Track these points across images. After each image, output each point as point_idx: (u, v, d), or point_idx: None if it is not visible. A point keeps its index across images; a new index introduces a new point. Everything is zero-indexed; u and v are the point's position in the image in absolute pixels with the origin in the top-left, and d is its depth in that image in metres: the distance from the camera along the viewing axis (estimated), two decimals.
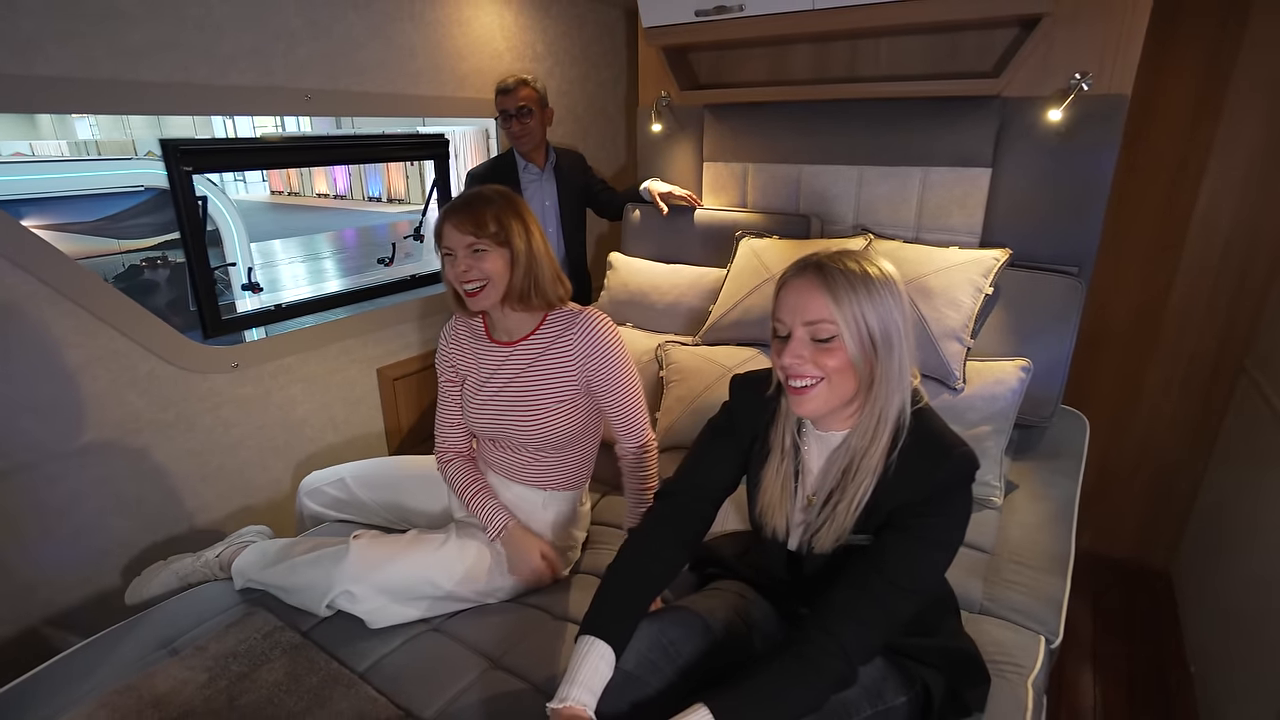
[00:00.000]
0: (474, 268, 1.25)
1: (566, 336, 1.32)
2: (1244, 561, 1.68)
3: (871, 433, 0.92)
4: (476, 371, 1.39)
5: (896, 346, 0.90)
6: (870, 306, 0.88)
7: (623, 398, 1.35)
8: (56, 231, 3.92)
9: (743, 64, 2.08)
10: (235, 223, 4.66)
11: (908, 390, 0.92)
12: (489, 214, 1.25)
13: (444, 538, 1.34)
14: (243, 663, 1.17)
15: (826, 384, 0.90)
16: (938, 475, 0.90)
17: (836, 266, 0.89)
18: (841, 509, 0.95)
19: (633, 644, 0.96)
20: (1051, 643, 1.26)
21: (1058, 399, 1.62)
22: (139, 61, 1.49)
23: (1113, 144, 1.58)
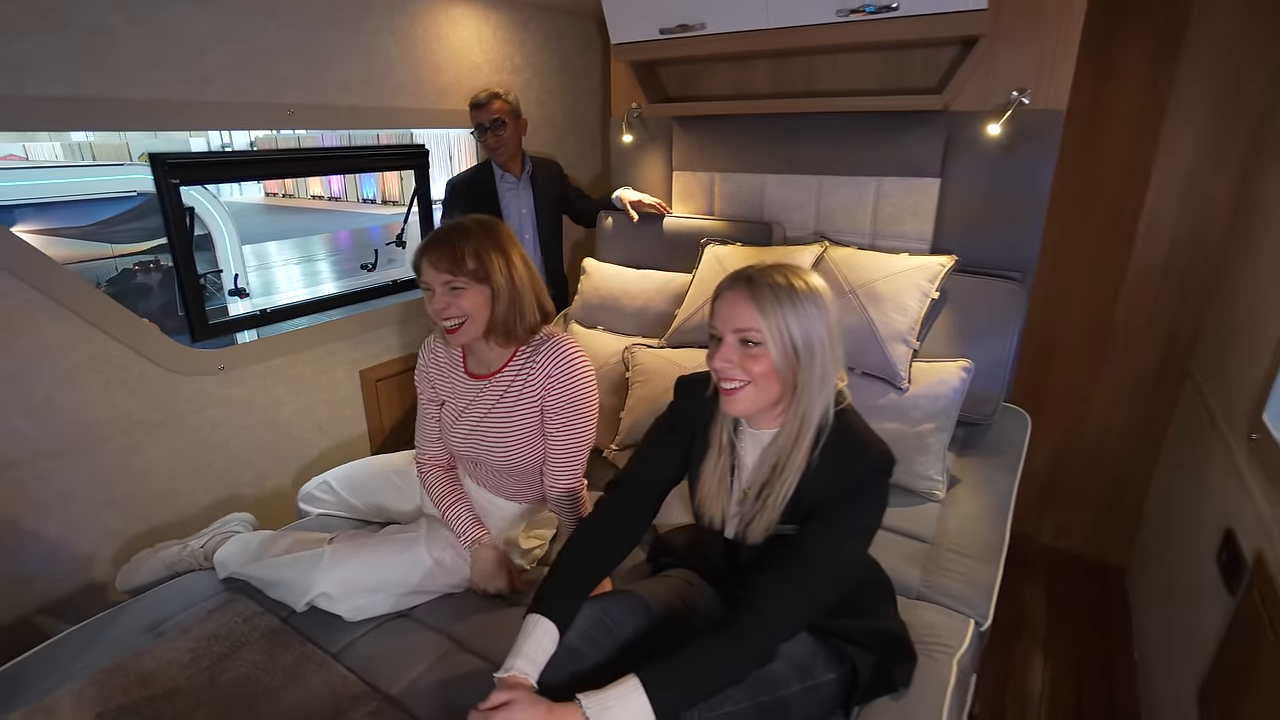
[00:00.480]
0: (452, 305, 1.24)
1: (531, 364, 1.33)
2: (1184, 556, 1.78)
3: (796, 433, 1.01)
4: (454, 401, 1.42)
5: (819, 355, 0.98)
6: (794, 318, 0.96)
7: (570, 432, 1.33)
8: (50, 236, 4.01)
9: (708, 78, 2.17)
10: (227, 227, 4.74)
11: (830, 395, 1.01)
12: (467, 249, 1.23)
13: (414, 539, 1.41)
14: (224, 644, 1.26)
15: (753, 387, 0.99)
16: (855, 470, 0.99)
17: (765, 280, 0.98)
18: (770, 502, 1.03)
19: (576, 622, 1.04)
20: (981, 625, 1.35)
21: (1000, 397, 1.72)
22: (120, 79, 1.57)
23: (1050, 156, 1.68)
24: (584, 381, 1.34)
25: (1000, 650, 2.06)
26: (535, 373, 1.32)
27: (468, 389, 1.40)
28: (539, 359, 1.32)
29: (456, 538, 1.40)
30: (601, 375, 1.94)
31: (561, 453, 1.36)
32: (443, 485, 1.45)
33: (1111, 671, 1.99)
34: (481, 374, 1.39)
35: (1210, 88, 1.91)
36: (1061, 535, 2.54)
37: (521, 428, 1.35)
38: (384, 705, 1.13)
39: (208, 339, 1.90)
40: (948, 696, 1.16)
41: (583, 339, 2.05)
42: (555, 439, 1.35)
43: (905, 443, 1.59)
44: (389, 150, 2.40)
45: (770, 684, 1.04)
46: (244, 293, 4.27)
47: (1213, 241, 2.01)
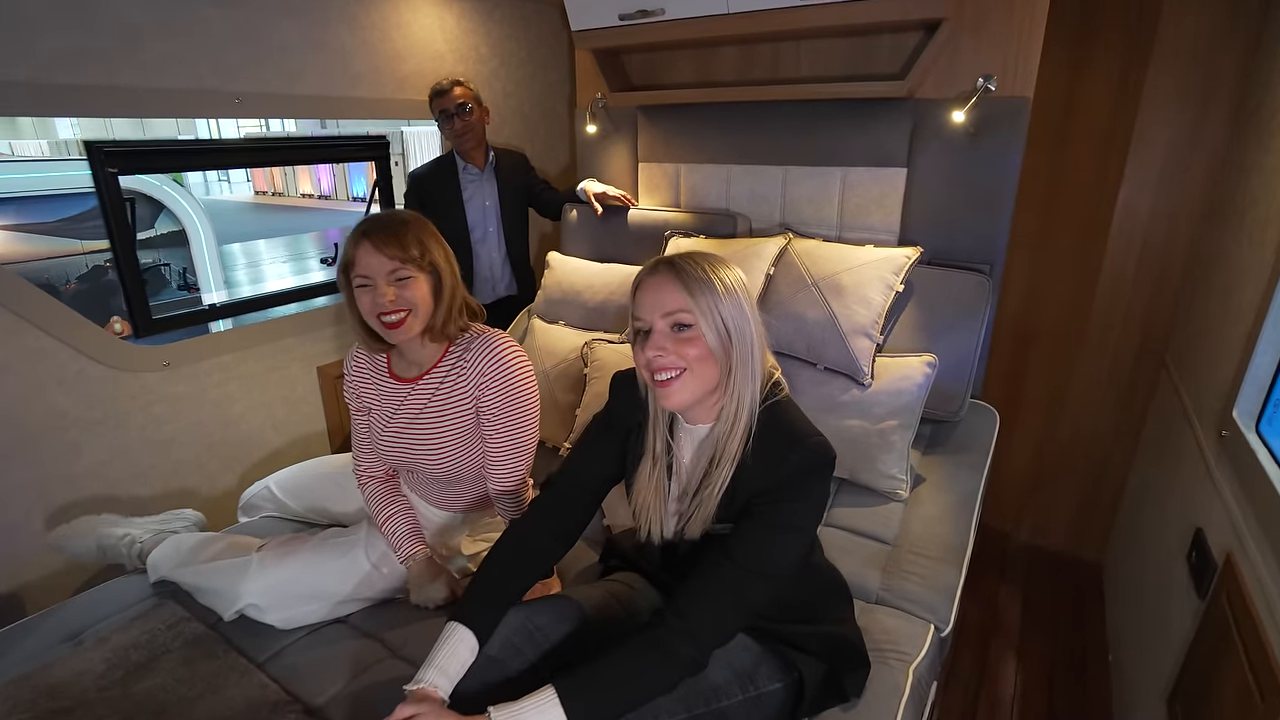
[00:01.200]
0: (400, 296, 1.15)
1: (462, 363, 1.24)
2: (1155, 555, 1.73)
3: (732, 419, 0.96)
4: (381, 408, 1.33)
5: (748, 336, 0.94)
6: (721, 299, 0.92)
7: (509, 433, 1.25)
8: (15, 232, 3.93)
9: (672, 66, 2.12)
10: (202, 225, 4.68)
11: (759, 379, 0.96)
12: (410, 235, 1.16)
13: (351, 544, 1.35)
14: (143, 653, 1.20)
15: (690, 374, 0.94)
16: (790, 462, 0.93)
17: (687, 264, 0.93)
18: (706, 496, 0.98)
19: (500, 629, 0.99)
20: (941, 630, 1.30)
21: (966, 393, 1.66)
22: (55, 65, 1.51)
23: (1017, 145, 1.63)
24: (520, 378, 1.26)
25: (973, 652, 2.01)
26: (467, 371, 1.25)
27: (394, 393, 1.32)
28: (470, 357, 1.24)
29: (392, 551, 1.33)
30: (560, 371, 1.89)
31: (501, 455, 1.29)
32: (380, 498, 1.37)
33: (1085, 673, 1.94)
34: (407, 377, 1.31)
35: (1183, 76, 1.87)
36: (1040, 533, 2.50)
37: (454, 431, 1.28)
38: (303, 716, 1.07)
39: (152, 334, 1.83)
40: (902, 706, 1.10)
41: (543, 334, 2.00)
42: (493, 441, 1.28)
43: (867, 440, 1.54)
44: (348, 141, 2.34)
45: (708, 693, 1.00)
46: (194, 287, 4.19)
47: (1187, 233, 1.97)
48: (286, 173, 15.91)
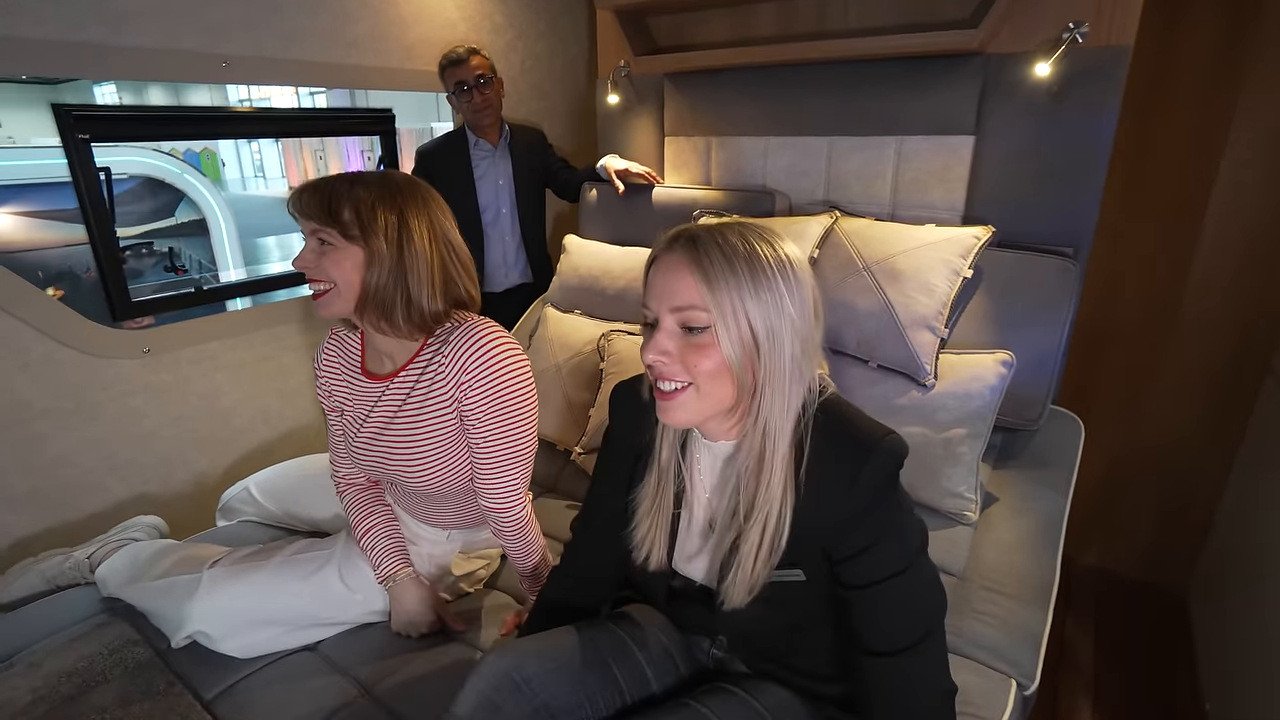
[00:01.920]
0: (315, 265, 0.98)
1: (441, 353, 1.05)
2: (1264, 584, 1.46)
3: (759, 451, 0.74)
4: (353, 409, 1.15)
5: (788, 345, 0.71)
6: (753, 295, 0.69)
7: (497, 443, 1.06)
8: (35, 219, 3.88)
9: (703, 26, 1.90)
10: (223, 213, 4.60)
11: (799, 396, 0.74)
12: (347, 198, 0.96)
13: (325, 555, 1.17)
14: (74, 683, 1.03)
15: (695, 391, 0.73)
16: (864, 480, 0.72)
17: (714, 240, 0.71)
18: (746, 555, 0.76)
19: (472, 680, 0.79)
20: (1025, 688, 1.07)
21: (1047, 399, 1.41)
22: (18, 16, 1.36)
23: (1113, 104, 1.37)
24: (508, 375, 1.05)
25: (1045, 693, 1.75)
26: (445, 368, 1.05)
27: (366, 393, 1.13)
28: (448, 351, 1.04)
29: (372, 570, 1.14)
30: (575, 366, 1.69)
31: (489, 467, 1.08)
32: (360, 507, 1.19)
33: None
34: (381, 374, 1.12)
35: None
36: (1111, 556, 2.22)
37: (433, 439, 1.08)
38: None
39: (130, 317, 1.68)
40: None
41: (556, 325, 1.80)
42: (480, 450, 1.08)
43: (930, 451, 1.31)
44: (351, 114, 2.17)
45: None
46: (182, 269, 4.10)
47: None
48: (319, 167, 16.10)
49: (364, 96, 2.40)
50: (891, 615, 0.75)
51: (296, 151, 16.71)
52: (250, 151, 16.14)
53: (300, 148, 11.03)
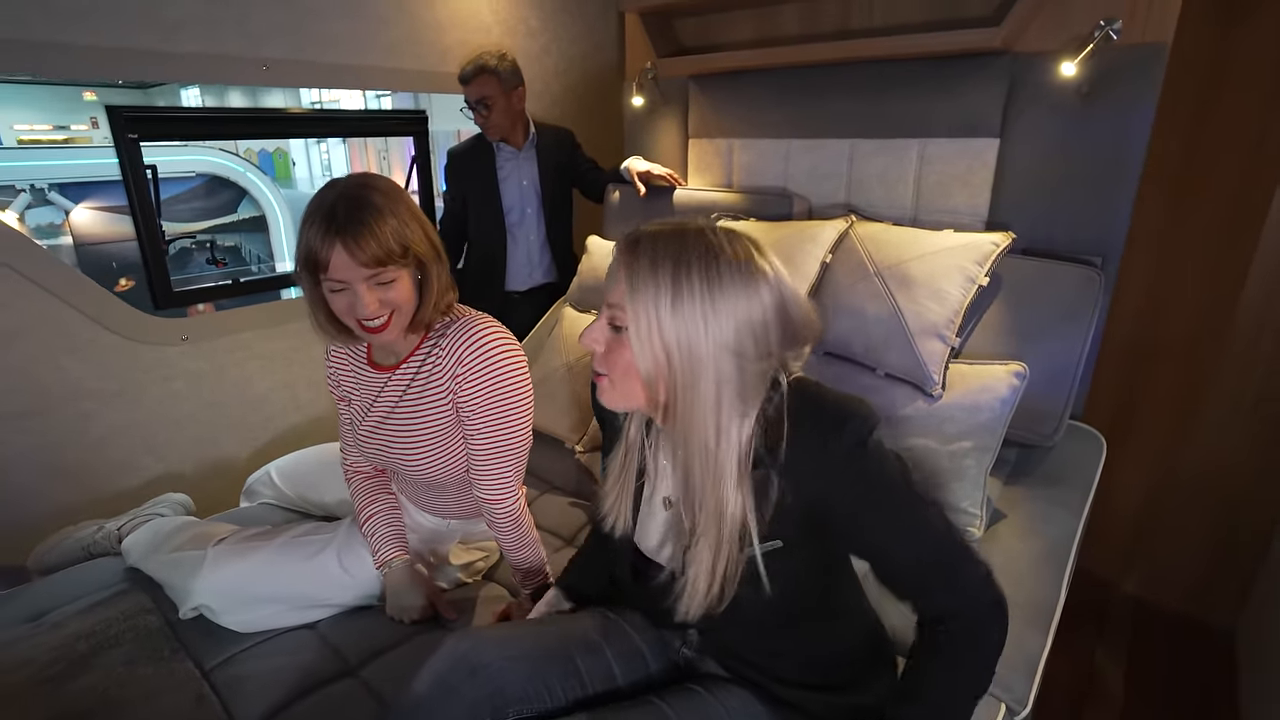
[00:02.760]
0: (381, 301, 0.99)
1: (438, 347, 1.09)
2: None
3: (684, 468, 0.74)
4: (359, 398, 1.19)
5: (708, 374, 0.68)
6: (673, 312, 0.67)
7: (491, 435, 1.09)
8: (111, 213, 4.18)
9: (728, 27, 1.89)
10: (280, 209, 4.84)
11: (732, 414, 0.71)
12: (387, 229, 0.96)
13: (325, 540, 1.22)
14: (89, 644, 1.10)
15: (611, 383, 0.74)
16: (834, 454, 0.72)
17: (650, 248, 0.69)
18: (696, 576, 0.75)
19: (431, 662, 0.81)
20: (1016, 712, 1.02)
21: (1064, 414, 1.34)
22: (74, 24, 1.47)
23: (1147, 106, 1.30)
24: (504, 370, 1.08)
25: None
26: (443, 360, 1.08)
27: (371, 382, 1.17)
28: (445, 343, 1.08)
29: (371, 555, 1.19)
30: (586, 364, 1.70)
31: (484, 460, 1.11)
32: (364, 494, 1.24)
33: None
34: (387, 365, 1.15)
35: None
36: (1152, 586, 2.09)
37: (432, 430, 1.11)
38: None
39: (171, 307, 1.79)
40: None
41: (571, 324, 1.82)
42: (475, 443, 1.11)
43: (935, 463, 1.26)
44: (385, 115, 2.25)
45: None
46: (222, 261, 4.31)
47: None
48: (382, 166, 16.75)
49: (426, 98, 2.47)
50: (912, 563, 0.76)
51: (362, 151, 17.30)
52: (319, 151, 16.80)
53: (365, 147, 11.43)
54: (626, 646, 0.94)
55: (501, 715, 0.80)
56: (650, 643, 0.95)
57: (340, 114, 2.16)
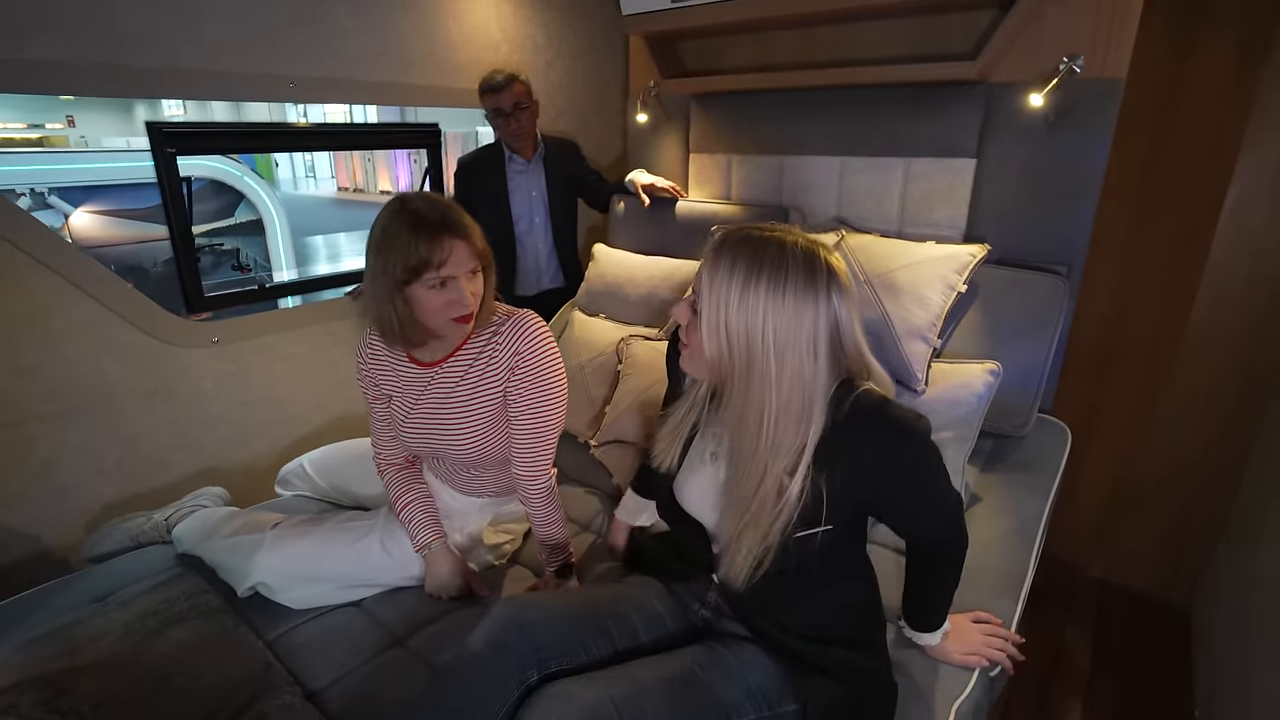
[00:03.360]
0: (473, 293, 1.16)
1: (496, 341, 1.23)
2: (1263, 601, 1.51)
3: (735, 421, 0.86)
4: (403, 394, 1.31)
5: (762, 364, 0.81)
6: (739, 302, 0.80)
7: (538, 416, 1.23)
8: (112, 217, 4.22)
9: (728, 51, 2.03)
10: (278, 213, 4.89)
11: (775, 423, 0.82)
12: (475, 228, 1.16)
13: (368, 529, 1.33)
14: (159, 620, 1.21)
15: (689, 353, 0.90)
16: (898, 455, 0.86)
17: (731, 249, 0.82)
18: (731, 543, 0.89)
19: (484, 624, 0.93)
20: (990, 670, 1.16)
21: (1033, 407, 1.50)
22: (124, 47, 1.57)
23: (1104, 133, 1.46)
24: (552, 360, 1.24)
25: (1030, 695, 1.83)
26: (500, 352, 1.23)
27: (416, 379, 1.29)
28: (502, 338, 1.23)
29: (409, 539, 1.30)
30: (597, 366, 1.83)
31: (526, 442, 1.25)
32: (399, 485, 1.35)
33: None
34: (428, 361, 1.28)
35: None
36: (1117, 569, 2.26)
37: (482, 414, 1.25)
38: (298, 700, 1.05)
39: (202, 311, 1.89)
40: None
41: (581, 328, 1.94)
42: (519, 426, 1.25)
43: None
44: (400, 128, 2.36)
45: (715, 712, 0.91)
46: (246, 267, 4.38)
47: None
48: (367, 170, 16.65)
49: (413, 110, 2.59)
50: (931, 522, 0.96)
51: (346, 154, 17.15)
52: (303, 155, 16.60)
53: (351, 151, 11.38)
54: (648, 611, 1.06)
55: (545, 666, 0.92)
56: (669, 608, 1.08)
57: (361, 128, 2.26)
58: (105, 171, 4.22)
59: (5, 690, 1.04)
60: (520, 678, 0.90)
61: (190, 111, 11.48)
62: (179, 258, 1.84)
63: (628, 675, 0.91)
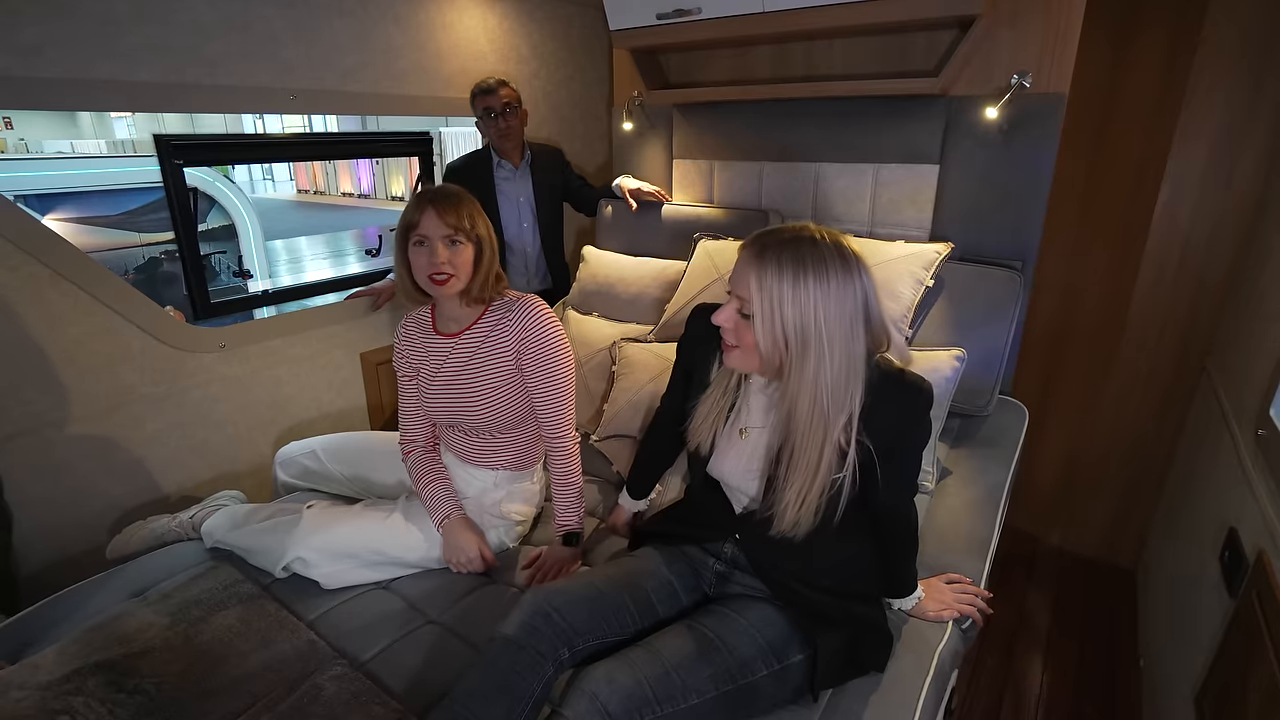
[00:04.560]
0: (449, 260, 1.32)
1: (505, 322, 1.41)
2: (1189, 557, 1.71)
3: (790, 400, 0.98)
4: (428, 364, 1.47)
5: (821, 345, 0.93)
6: (792, 298, 0.92)
7: (549, 387, 1.41)
8: (82, 224, 4.16)
9: (708, 65, 2.16)
10: (250, 219, 4.87)
11: (838, 374, 0.95)
12: (464, 209, 1.34)
13: (392, 508, 1.44)
14: (202, 608, 1.28)
15: (739, 353, 1.02)
16: (909, 410, 1.02)
17: (775, 250, 0.94)
18: (800, 490, 1.00)
19: (515, 613, 1.04)
20: (962, 623, 1.31)
21: (995, 389, 1.67)
22: (131, 62, 1.62)
23: (1051, 141, 1.63)
24: (557, 334, 1.42)
25: (999, 652, 2.01)
26: (510, 328, 1.40)
27: (439, 348, 1.46)
28: (512, 315, 1.41)
29: (430, 514, 1.41)
30: (596, 363, 1.94)
31: (549, 406, 1.43)
32: (422, 465, 1.48)
33: (1114, 676, 1.92)
34: (451, 332, 1.45)
35: (1231, 69, 1.84)
36: (1072, 539, 2.47)
37: (497, 381, 1.41)
38: (349, 670, 1.14)
39: (209, 318, 1.94)
40: (925, 685, 1.13)
41: (577, 325, 2.05)
42: (539, 393, 1.42)
43: None
44: (392, 137, 2.43)
45: (735, 670, 1.03)
46: (248, 274, 4.37)
47: (1233, 233, 1.93)
48: (328, 172, 16.40)
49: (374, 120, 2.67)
50: (901, 493, 1.11)
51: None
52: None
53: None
54: (659, 579, 1.18)
55: (574, 645, 1.04)
56: (677, 574, 1.20)
57: (358, 136, 2.32)
58: (69, 179, 4.15)
59: (69, 676, 1.11)
60: (554, 657, 1.01)
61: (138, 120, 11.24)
62: (185, 266, 1.89)
63: (653, 652, 1.01)
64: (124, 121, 11.77)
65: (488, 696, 0.96)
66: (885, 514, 1.11)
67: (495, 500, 1.51)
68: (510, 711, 0.96)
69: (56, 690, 1.08)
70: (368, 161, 13.86)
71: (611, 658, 1.00)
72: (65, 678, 1.11)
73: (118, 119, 11.67)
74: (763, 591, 1.15)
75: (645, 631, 1.11)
